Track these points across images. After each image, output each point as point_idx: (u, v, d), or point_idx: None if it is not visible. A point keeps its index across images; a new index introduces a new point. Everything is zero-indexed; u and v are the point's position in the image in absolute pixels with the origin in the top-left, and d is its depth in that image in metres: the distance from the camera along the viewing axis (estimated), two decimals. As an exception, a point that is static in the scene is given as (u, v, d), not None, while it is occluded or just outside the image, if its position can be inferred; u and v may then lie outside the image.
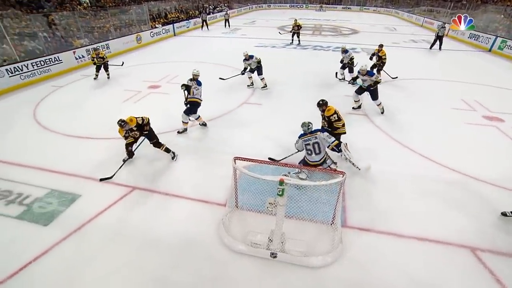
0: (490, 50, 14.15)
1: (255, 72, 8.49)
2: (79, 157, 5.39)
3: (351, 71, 9.07)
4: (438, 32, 13.80)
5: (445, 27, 13.87)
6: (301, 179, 4.30)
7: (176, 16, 20.91)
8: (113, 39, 13.29)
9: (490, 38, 14.26)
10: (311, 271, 3.24)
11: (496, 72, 10.93)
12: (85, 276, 3.22)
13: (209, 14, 23.32)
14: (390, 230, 3.78)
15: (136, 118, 4.86)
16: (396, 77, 9.41)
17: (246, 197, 3.97)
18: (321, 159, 4.31)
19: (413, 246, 3.58)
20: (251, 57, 8.19)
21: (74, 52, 11.00)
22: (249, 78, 8.70)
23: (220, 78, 8.71)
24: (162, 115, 6.98)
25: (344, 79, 9.32)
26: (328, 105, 5.03)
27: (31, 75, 9.40)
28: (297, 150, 4.67)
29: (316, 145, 4.28)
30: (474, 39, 15.46)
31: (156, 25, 17.17)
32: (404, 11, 29.79)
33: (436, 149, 5.52)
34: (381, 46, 9.04)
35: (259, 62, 8.30)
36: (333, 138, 4.39)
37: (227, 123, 6.66)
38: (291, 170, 4.52)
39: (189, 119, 6.08)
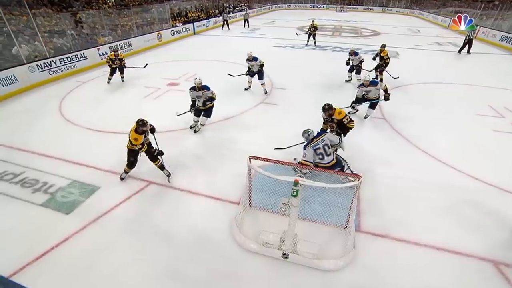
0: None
1: (256, 76, 8.10)
2: (100, 150, 5.60)
3: (358, 73, 8.84)
4: (469, 35, 13.14)
5: (476, 29, 13.26)
6: (304, 173, 4.24)
7: (197, 15, 21.27)
8: (135, 36, 13.70)
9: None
10: (322, 274, 3.22)
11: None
12: (101, 265, 3.35)
13: (229, 13, 23.52)
14: (406, 237, 3.68)
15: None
16: (398, 77, 9.06)
17: (260, 196, 3.99)
18: (334, 158, 4.26)
19: (431, 256, 3.47)
20: (255, 59, 7.78)
21: (98, 49, 11.44)
22: (248, 81, 8.44)
23: (228, 74, 8.57)
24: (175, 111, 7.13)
25: (350, 81, 9.25)
26: (333, 107, 4.84)
27: (58, 71, 9.86)
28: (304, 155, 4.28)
29: (326, 147, 4.22)
30: (506, 42, 14.69)
31: (177, 24, 17.53)
32: (429, 12, 28.81)
33: (460, 157, 5.31)
34: (383, 46, 8.80)
35: (261, 66, 7.90)
36: (336, 137, 4.42)
37: (244, 122, 6.71)
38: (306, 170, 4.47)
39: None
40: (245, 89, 8.49)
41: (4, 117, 7.15)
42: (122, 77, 9.47)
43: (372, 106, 6.53)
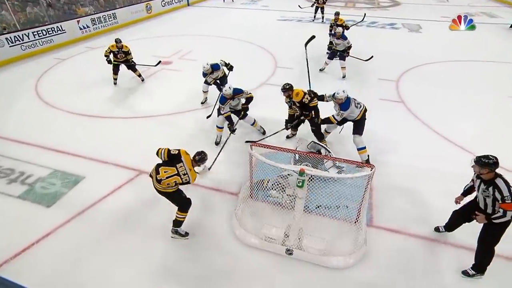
0: None
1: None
2: (83, 136, 5.65)
3: (343, 58, 7.90)
4: None
5: None
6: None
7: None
8: (121, 7, 13.49)
9: None
10: (330, 272, 3.31)
11: None
12: (89, 261, 3.45)
13: None
14: (423, 233, 3.75)
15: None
16: (372, 57, 7.82)
17: (263, 188, 4.05)
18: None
19: (450, 254, 3.54)
20: (215, 67, 6.21)
21: (78, 22, 11.29)
22: (204, 91, 6.65)
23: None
24: (173, 94, 7.13)
25: (324, 69, 8.47)
26: (294, 88, 4.88)
27: (33, 46, 9.79)
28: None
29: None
30: None
31: (168, -7, 17.22)
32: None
33: (487, 145, 5.25)
34: (337, 14, 8.78)
35: (230, 67, 6.44)
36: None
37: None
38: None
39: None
40: (202, 103, 6.78)
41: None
42: (140, 76, 7.86)
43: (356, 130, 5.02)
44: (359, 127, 4.73)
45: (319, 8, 13.97)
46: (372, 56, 7.68)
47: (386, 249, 3.58)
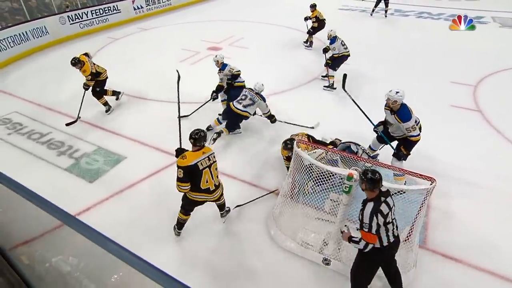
0: None
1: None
2: (130, 118, 6.13)
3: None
4: None
5: None
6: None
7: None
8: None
9: None
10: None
11: None
12: (122, 239, 3.64)
13: None
14: (487, 266, 3.49)
15: None
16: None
17: (304, 188, 4.07)
18: None
19: None
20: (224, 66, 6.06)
21: (133, 2, 12.12)
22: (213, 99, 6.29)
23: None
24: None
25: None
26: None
27: (90, 24, 10.76)
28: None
29: None
30: None
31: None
32: None
33: None
34: (313, 6, 8.45)
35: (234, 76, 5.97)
36: None
37: (295, 100, 6.81)
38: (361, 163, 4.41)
39: None
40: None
41: (34, 72, 8.09)
42: None
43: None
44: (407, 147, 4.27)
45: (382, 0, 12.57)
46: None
47: (439, 276, 3.40)
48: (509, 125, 5.87)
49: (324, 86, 7.31)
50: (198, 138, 3.40)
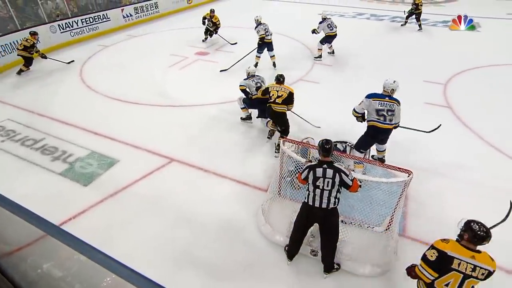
0: None
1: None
2: (120, 121, 6.01)
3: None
4: None
5: None
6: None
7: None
8: (163, -3, 13.99)
9: None
10: (355, 278, 3.27)
11: None
12: (118, 240, 3.69)
13: None
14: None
15: None
16: (236, 43, 9.63)
17: (291, 186, 4.07)
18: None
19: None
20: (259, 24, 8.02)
21: (122, 10, 11.89)
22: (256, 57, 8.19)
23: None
24: (207, 85, 7.32)
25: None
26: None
27: (80, 32, 10.50)
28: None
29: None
30: None
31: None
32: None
33: None
34: (212, 11, 9.20)
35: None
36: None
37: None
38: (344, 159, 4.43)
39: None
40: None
41: (25, 80, 7.84)
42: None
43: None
44: None
45: (414, 14, 11.74)
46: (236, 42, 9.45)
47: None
48: (474, 119, 6.04)
49: (314, 57, 8.72)
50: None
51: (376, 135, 4.34)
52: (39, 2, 9.76)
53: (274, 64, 8.27)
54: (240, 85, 5.53)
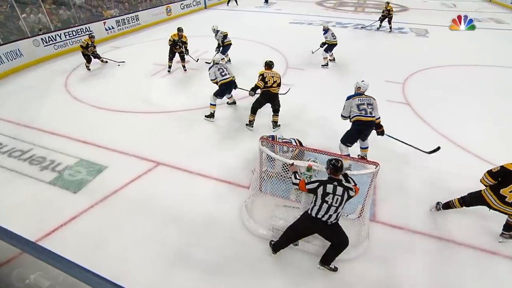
0: None
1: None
2: (108, 129, 5.76)
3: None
4: None
5: None
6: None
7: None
8: (143, 10, 13.60)
9: None
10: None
11: None
12: (110, 244, 3.52)
13: None
14: (425, 230, 3.68)
15: None
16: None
17: (271, 181, 4.04)
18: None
19: (450, 250, 3.48)
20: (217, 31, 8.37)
21: (104, 23, 11.45)
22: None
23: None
24: (189, 92, 7.17)
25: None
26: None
27: (64, 45, 9.99)
28: None
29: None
30: None
31: (187, -3, 17.26)
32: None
33: (495, 151, 5.10)
34: (180, 30, 8.00)
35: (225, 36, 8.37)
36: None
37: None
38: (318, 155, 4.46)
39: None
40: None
41: (11, 92, 7.37)
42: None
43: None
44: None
45: (386, 18, 12.85)
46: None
47: (388, 243, 3.53)
48: (429, 114, 6.26)
49: (322, 65, 8.67)
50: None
51: (361, 128, 4.37)
52: (20, 17, 9.20)
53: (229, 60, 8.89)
54: (211, 79, 5.86)
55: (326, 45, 8.58)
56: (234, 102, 6.54)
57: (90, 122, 5.99)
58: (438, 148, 4.61)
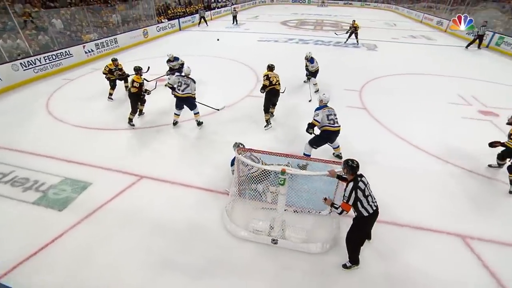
0: (487, 46, 13.86)
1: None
2: (90, 147, 5.43)
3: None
4: (478, 31, 13.02)
5: (486, 25, 12.89)
6: (300, 166, 4.33)
7: (182, 11, 20.60)
8: (121, 33, 13.18)
9: (488, 34, 13.86)
10: (310, 256, 3.29)
11: (493, 67, 10.75)
12: (99, 257, 3.30)
13: (207, 10, 22.41)
14: (387, 219, 3.79)
15: None
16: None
17: (248, 186, 3.99)
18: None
19: (409, 234, 3.61)
20: (176, 59, 8.16)
21: (83, 46, 10.95)
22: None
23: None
24: (165, 108, 6.99)
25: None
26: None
27: (44, 69, 9.40)
28: None
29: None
30: (473, 35, 14.99)
31: (162, 20, 16.99)
32: (404, 7, 29.13)
33: (434, 143, 5.50)
34: (115, 60, 7.31)
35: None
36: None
37: (232, 114, 6.64)
38: (290, 159, 4.50)
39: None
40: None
41: (-9, 116, 6.79)
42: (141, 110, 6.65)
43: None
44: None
45: (353, 33, 13.95)
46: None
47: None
48: (382, 116, 6.56)
49: (314, 92, 7.78)
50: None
51: (330, 137, 4.59)
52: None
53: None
54: (169, 84, 5.98)
55: (311, 72, 7.88)
56: (198, 123, 5.99)
57: (73, 141, 5.63)
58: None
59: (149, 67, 7.40)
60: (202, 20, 19.32)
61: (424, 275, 3.12)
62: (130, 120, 6.12)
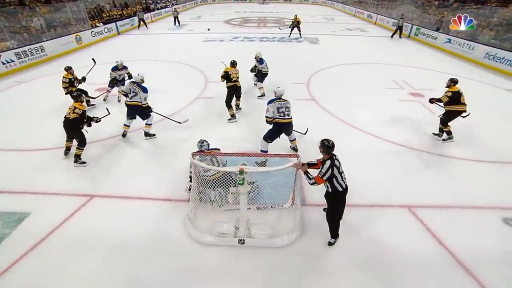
0: (409, 36, 15.67)
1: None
2: (24, 171, 4.72)
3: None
4: (398, 23, 14.88)
5: (403, 18, 15.11)
6: (258, 163, 4.36)
7: (119, 13, 19.16)
8: (48, 40, 11.74)
9: (407, 26, 15.71)
10: (278, 250, 3.33)
11: (414, 54, 12.18)
12: (58, 285, 2.91)
13: (146, 12, 21.21)
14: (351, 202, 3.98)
15: None
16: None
17: (208, 190, 3.88)
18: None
19: (364, 213, 3.88)
20: (124, 67, 7.46)
21: (0, 56, 9.47)
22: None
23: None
24: (112, 118, 6.44)
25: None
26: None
27: (-50, 87, 7.93)
28: None
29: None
30: (394, 26, 16.56)
31: (97, 24, 15.58)
32: (339, 2, 31.29)
33: (375, 124, 6.02)
34: (70, 68, 6.67)
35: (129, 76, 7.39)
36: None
37: (182, 118, 6.39)
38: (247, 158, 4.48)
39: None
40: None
41: None
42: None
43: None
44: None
45: (295, 28, 15.00)
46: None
47: (319, 220, 3.70)
48: (330, 105, 6.95)
49: (258, 96, 7.45)
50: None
51: (281, 129, 4.69)
52: None
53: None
54: (123, 91, 5.76)
55: (259, 75, 7.53)
56: (150, 134, 5.62)
57: (1, 169, 4.84)
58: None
59: (108, 112, 5.45)
60: (142, 22, 18.22)
61: (382, 248, 3.38)
62: (78, 157, 4.80)
